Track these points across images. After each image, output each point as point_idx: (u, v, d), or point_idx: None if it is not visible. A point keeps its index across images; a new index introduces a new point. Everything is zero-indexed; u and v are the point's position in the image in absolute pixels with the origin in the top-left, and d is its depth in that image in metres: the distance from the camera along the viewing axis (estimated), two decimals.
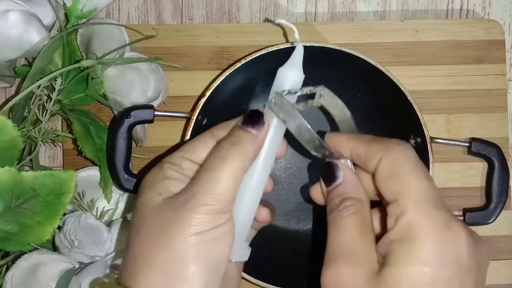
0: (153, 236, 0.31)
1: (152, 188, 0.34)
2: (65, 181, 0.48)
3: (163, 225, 0.31)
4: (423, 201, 0.30)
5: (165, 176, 0.34)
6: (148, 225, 0.32)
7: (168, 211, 0.32)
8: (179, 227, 0.31)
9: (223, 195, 0.32)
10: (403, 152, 0.32)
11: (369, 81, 0.54)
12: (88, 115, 0.55)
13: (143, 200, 0.33)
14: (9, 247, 0.47)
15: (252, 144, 0.34)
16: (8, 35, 0.49)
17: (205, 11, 0.61)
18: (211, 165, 0.33)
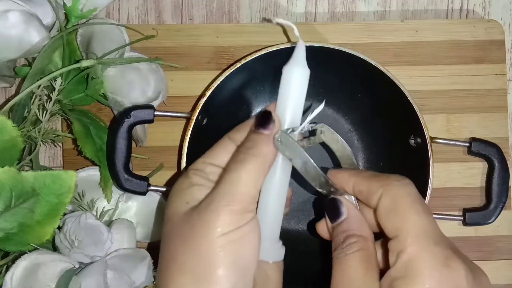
0: (182, 241, 0.32)
1: (179, 197, 0.35)
2: (65, 181, 0.48)
3: (189, 230, 0.32)
4: (423, 237, 0.30)
5: (191, 183, 0.35)
6: (177, 232, 0.33)
7: (194, 216, 0.33)
8: (204, 230, 0.32)
9: (243, 195, 0.33)
10: (403, 188, 0.33)
11: (369, 81, 0.54)
12: (88, 115, 0.55)
13: (172, 210, 0.34)
14: (9, 247, 0.47)
15: (266, 144, 0.34)
16: (8, 35, 0.49)
17: (205, 11, 0.61)
18: (230, 168, 0.34)
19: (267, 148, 0.34)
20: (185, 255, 0.32)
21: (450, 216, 0.57)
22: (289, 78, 0.36)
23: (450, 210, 0.58)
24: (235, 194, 0.32)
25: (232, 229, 0.32)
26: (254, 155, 0.34)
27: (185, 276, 0.31)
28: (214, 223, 0.31)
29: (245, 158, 0.34)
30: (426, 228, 0.31)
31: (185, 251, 0.32)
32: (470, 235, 0.59)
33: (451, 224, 0.58)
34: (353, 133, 0.59)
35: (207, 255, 0.31)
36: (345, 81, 0.56)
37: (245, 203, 0.33)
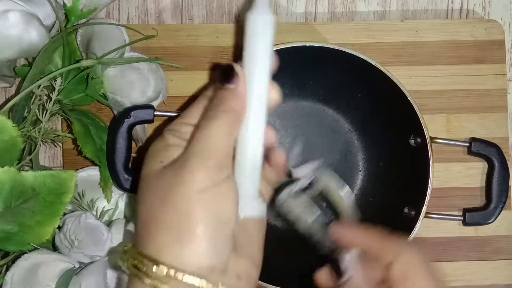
0: (158, 200, 0.32)
1: (154, 157, 0.35)
2: (65, 181, 0.48)
3: (166, 188, 0.32)
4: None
5: (167, 143, 0.35)
6: (152, 192, 0.33)
7: (169, 175, 0.33)
8: (181, 188, 0.32)
9: (216, 151, 0.33)
10: (415, 258, 0.35)
11: (369, 81, 0.54)
12: (88, 115, 0.55)
13: (147, 170, 0.34)
14: (9, 247, 0.47)
15: (234, 99, 0.34)
16: (8, 35, 0.49)
17: (205, 11, 0.61)
18: (201, 126, 0.34)
19: (235, 102, 0.34)
20: (164, 213, 0.32)
21: (450, 216, 0.57)
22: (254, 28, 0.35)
23: (450, 210, 0.58)
24: (208, 150, 0.32)
25: (209, 185, 0.32)
26: (223, 111, 0.34)
27: (165, 234, 0.32)
28: (191, 181, 0.32)
29: (214, 115, 0.34)
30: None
31: (163, 210, 0.32)
32: (470, 235, 0.59)
33: (451, 224, 0.58)
34: (353, 133, 0.59)
35: (184, 212, 0.31)
36: (345, 81, 0.56)
37: (219, 159, 0.33)
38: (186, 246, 0.31)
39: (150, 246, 0.32)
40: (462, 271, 0.58)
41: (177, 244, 0.31)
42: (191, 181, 0.32)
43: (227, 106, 0.34)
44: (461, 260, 0.58)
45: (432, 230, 0.58)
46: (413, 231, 0.52)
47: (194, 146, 0.33)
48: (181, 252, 0.31)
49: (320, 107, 0.59)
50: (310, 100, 0.59)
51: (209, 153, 0.32)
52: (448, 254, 0.58)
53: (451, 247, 0.58)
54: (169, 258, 0.31)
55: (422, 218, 0.52)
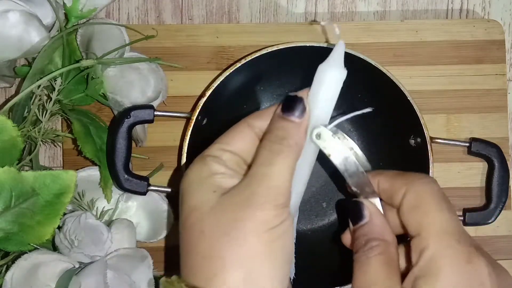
0: (222, 234, 0.31)
1: (202, 185, 0.33)
2: (65, 181, 0.48)
3: (230, 223, 0.31)
4: (445, 234, 0.30)
5: (211, 171, 0.33)
6: (212, 224, 0.31)
7: (231, 208, 0.31)
8: (250, 224, 0.30)
9: (283, 189, 0.32)
10: (427, 186, 0.32)
11: (369, 81, 0.54)
12: (88, 115, 0.55)
13: (198, 198, 0.32)
14: (9, 247, 0.47)
15: (299, 133, 0.33)
16: (8, 35, 0.49)
17: (205, 11, 0.61)
18: (266, 160, 0.32)
19: (300, 137, 0.33)
20: (230, 250, 0.30)
21: None
22: (323, 78, 0.35)
23: None
24: (277, 188, 0.31)
25: (278, 223, 0.31)
26: (289, 146, 0.32)
27: (233, 272, 0.30)
28: (259, 218, 0.30)
29: (280, 150, 0.32)
30: (449, 225, 0.31)
31: (229, 246, 0.30)
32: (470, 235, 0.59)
33: None
34: (353, 133, 0.59)
35: (254, 251, 0.30)
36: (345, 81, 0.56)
37: (285, 196, 0.32)
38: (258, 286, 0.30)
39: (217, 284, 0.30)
40: None
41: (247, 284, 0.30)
42: (260, 218, 0.30)
43: (292, 141, 0.32)
44: None
45: None
46: None
47: (260, 181, 0.31)
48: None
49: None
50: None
51: (278, 191, 0.31)
52: None
53: None
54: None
55: None
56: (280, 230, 0.31)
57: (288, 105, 0.34)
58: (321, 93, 0.34)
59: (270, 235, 0.30)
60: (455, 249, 0.30)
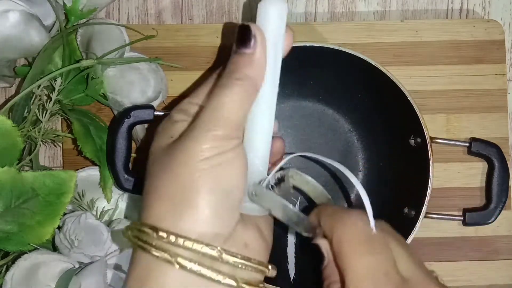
0: (161, 170, 0.31)
1: (162, 133, 0.34)
2: (65, 181, 0.48)
3: (169, 158, 0.31)
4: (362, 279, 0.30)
5: (175, 120, 0.34)
6: (158, 163, 0.32)
7: (174, 146, 0.32)
8: (183, 156, 0.31)
9: (226, 121, 0.31)
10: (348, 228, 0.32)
11: (369, 81, 0.54)
12: (88, 115, 0.55)
13: (154, 145, 0.34)
14: (9, 247, 0.47)
15: (250, 66, 0.32)
16: (8, 35, 0.49)
17: (205, 11, 0.61)
18: (212, 94, 0.32)
19: (251, 70, 0.32)
20: (164, 182, 0.31)
21: (450, 216, 0.57)
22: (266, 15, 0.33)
23: (450, 210, 0.58)
24: (218, 119, 0.31)
25: (215, 153, 0.30)
26: (238, 79, 0.31)
27: (163, 203, 0.31)
28: (194, 149, 0.30)
29: (227, 83, 0.31)
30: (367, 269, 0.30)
31: (164, 179, 0.31)
32: (470, 235, 0.59)
33: (451, 224, 0.58)
34: (353, 133, 0.59)
35: (186, 180, 0.30)
36: (345, 81, 0.56)
37: (229, 129, 0.31)
38: (186, 214, 0.30)
39: (151, 215, 0.31)
40: (462, 271, 0.58)
41: (177, 212, 0.30)
42: (194, 150, 0.30)
43: (242, 74, 0.31)
44: (461, 260, 0.58)
45: (432, 230, 0.58)
46: (413, 231, 0.52)
47: (202, 114, 0.31)
48: (181, 220, 0.30)
49: (320, 107, 0.59)
50: (310, 100, 0.59)
51: (218, 123, 0.31)
52: (448, 254, 0.58)
53: (451, 247, 0.58)
54: (169, 226, 0.30)
55: (422, 218, 0.52)
56: (216, 161, 0.30)
57: (240, 38, 0.32)
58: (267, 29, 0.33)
59: (203, 165, 0.30)
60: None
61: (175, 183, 0.31)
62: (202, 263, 0.29)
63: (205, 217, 0.30)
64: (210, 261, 0.30)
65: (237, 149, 0.31)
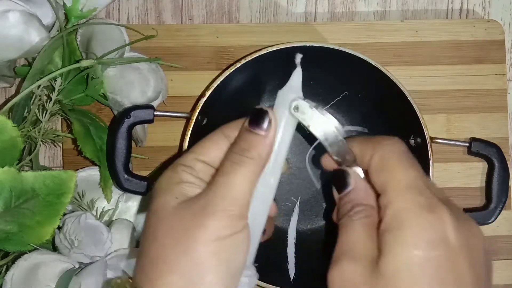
0: (172, 240, 0.31)
1: (167, 191, 0.33)
2: (65, 181, 0.48)
3: (182, 230, 0.31)
4: (408, 189, 0.31)
5: (180, 179, 0.33)
6: (165, 229, 0.32)
7: (186, 216, 0.32)
8: (199, 232, 0.31)
9: (240, 200, 0.32)
10: (392, 146, 0.33)
11: (369, 81, 0.54)
12: (88, 115, 0.55)
13: (159, 203, 0.33)
14: (9, 247, 0.47)
15: (262, 146, 0.33)
16: (8, 35, 0.49)
17: (205, 11, 0.61)
18: (225, 170, 0.33)
19: (263, 150, 0.33)
20: (176, 255, 0.31)
21: None
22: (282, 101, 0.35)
23: None
24: (233, 198, 0.32)
25: (228, 234, 0.31)
26: (251, 158, 0.33)
27: (174, 277, 0.31)
28: (211, 227, 0.31)
29: (241, 161, 0.33)
30: (412, 180, 0.31)
31: (176, 252, 0.31)
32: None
33: None
34: (353, 133, 0.59)
35: (200, 258, 0.31)
36: (345, 81, 0.56)
37: (242, 208, 0.32)
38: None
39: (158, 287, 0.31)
40: None
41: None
42: (210, 228, 0.31)
43: (255, 153, 0.33)
44: None
45: None
46: None
47: (217, 191, 0.32)
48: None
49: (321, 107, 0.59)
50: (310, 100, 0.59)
51: (233, 202, 0.31)
52: None
53: None
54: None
55: None
56: (229, 242, 0.31)
57: (254, 118, 0.34)
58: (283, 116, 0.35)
59: (218, 245, 0.31)
60: (417, 201, 0.30)
61: (189, 259, 0.31)
62: None
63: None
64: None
65: (246, 230, 0.32)
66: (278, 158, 0.35)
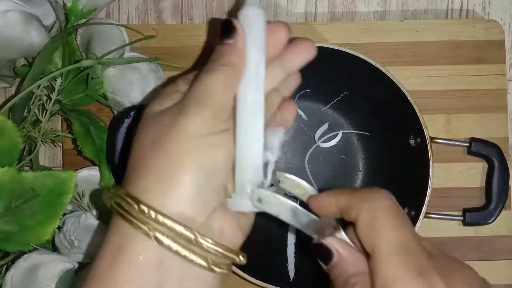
0: (150, 142, 0.33)
1: (156, 100, 0.35)
2: (65, 181, 0.48)
3: (159, 131, 0.32)
4: (395, 253, 0.30)
5: (175, 89, 0.35)
6: (145, 132, 0.33)
7: (164, 118, 0.33)
8: (174, 131, 0.32)
9: (213, 100, 0.33)
10: (380, 202, 0.32)
11: (369, 81, 0.54)
12: (88, 115, 0.55)
13: (147, 110, 0.35)
14: (9, 247, 0.47)
15: (233, 54, 0.34)
16: (8, 35, 0.49)
17: (205, 11, 0.61)
18: (201, 76, 0.34)
19: (234, 57, 0.34)
20: (153, 155, 0.32)
21: (450, 216, 0.57)
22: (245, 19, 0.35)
23: (450, 210, 0.58)
24: (205, 98, 0.33)
25: (203, 133, 0.32)
26: (222, 64, 0.34)
27: (150, 175, 0.32)
28: (185, 126, 0.32)
29: (213, 68, 0.34)
30: (399, 242, 0.30)
31: (153, 151, 0.32)
32: (470, 235, 0.59)
33: (451, 224, 0.58)
34: (353, 133, 0.59)
35: (174, 157, 0.31)
36: (345, 81, 0.56)
37: (216, 108, 0.33)
38: (170, 191, 0.31)
39: (135, 186, 0.32)
40: None
41: (161, 188, 0.31)
42: (184, 126, 0.32)
43: (225, 60, 0.34)
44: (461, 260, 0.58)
45: (432, 230, 0.58)
46: None
47: (191, 93, 0.33)
48: (164, 196, 0.31)
49: (320, 107, 0.59)
50: (310, 100, 0.59)
51: (206, 102, 0.32)
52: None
53: (451, 247, 0.58)
54: (151, 200, 0.31)
55: (422, 218, 0.52)
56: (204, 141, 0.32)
57: (222, 31, 0.35)
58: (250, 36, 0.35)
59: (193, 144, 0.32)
60: (405, 266, 0.29)
61: (163, 158, 0.32)
62: (178, 241, 0.31)
63: (188, 197, 0.31)
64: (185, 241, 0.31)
65: (224, 134, 0.33)
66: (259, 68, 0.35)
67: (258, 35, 0.35)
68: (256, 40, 0.35)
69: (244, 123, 0.34)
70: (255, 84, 0.34)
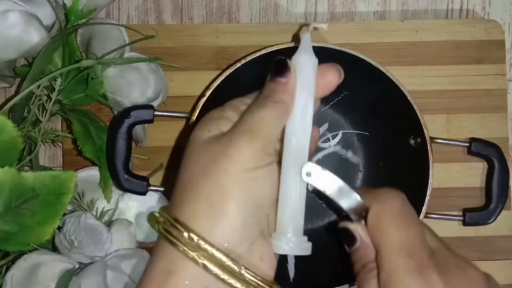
0: (200, 169, 0.33)
1: (203, 125, 0.35)
2: (65, 181, 0.48)
3: (209, 159, 0.33)
4: (398, 252, 0.32)
5: (221, 115, 0.36)
6: (195, 159, 0.34)
7: (214, 147, 0.33)
8: (224, 161, 0.32)
9: (264, 134, 0.33)
10: (387, 204, 0.34)
11: (369, 81, 0.54)
12: (88, 115, 0.55)
13: (193, 136, 0.35)
14: (9, 247, 0.47)
15: (284, 92, 0.35)
16: (8, 35, 0.49)
17: (205, 11, 0.61)
18: (251, 109, 0.35)
19: (285, 95, 0.35)
20: (201, 183, 0.33)
21: (450, 216, 0.57)
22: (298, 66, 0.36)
23: (450, 210, 0.58)
24: (256, 131, 0.33)
25: (252, 167, 0.32)
26: (273, 101, 0.34)
27: (199, 203, 0.32)
28: (236, 158, 0.32)
29: (264, 103, 0.34)
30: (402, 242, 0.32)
31: (201, 179, 0.33)
32: (470, 235, 0.59)
33: (451, 224, 0.58)
34: (353, 133, 0.59)
35: (223, 186, 0.32)
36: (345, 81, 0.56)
37: (265, 142, 0.33)
38: (218, 220, 0.32)
39: (184, 212, 0.33)
40: None
41: (210, 216, 0.32)
42: (235, 158, 0.32)
43: (277, 98, 0.35)
44: None
45: None
46: None
47: (243, 125, 0.34)
48: (213, 226, 0.32)
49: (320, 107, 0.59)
50: None
51: (257, 135, 0.33)
52: None
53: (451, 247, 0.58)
54: (200, 228, 0.32)
55: (422, 218, 0.52)
56: (253, 174, 0.33)
57: (274, 68, 0.36)
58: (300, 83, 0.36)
59: (243, 176, 0.32)
60: (405, 265, 0.31)
61: (213, 188, 0.32)
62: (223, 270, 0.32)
63: (235, 227, 0.32)
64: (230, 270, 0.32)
65: (271, 166, 0.34)
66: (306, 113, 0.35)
67: (308, 81, 0.36)
68: (306, 85, 0.36)
69: (287, 167, 0.35)
70: (301, 128, 0.35)
